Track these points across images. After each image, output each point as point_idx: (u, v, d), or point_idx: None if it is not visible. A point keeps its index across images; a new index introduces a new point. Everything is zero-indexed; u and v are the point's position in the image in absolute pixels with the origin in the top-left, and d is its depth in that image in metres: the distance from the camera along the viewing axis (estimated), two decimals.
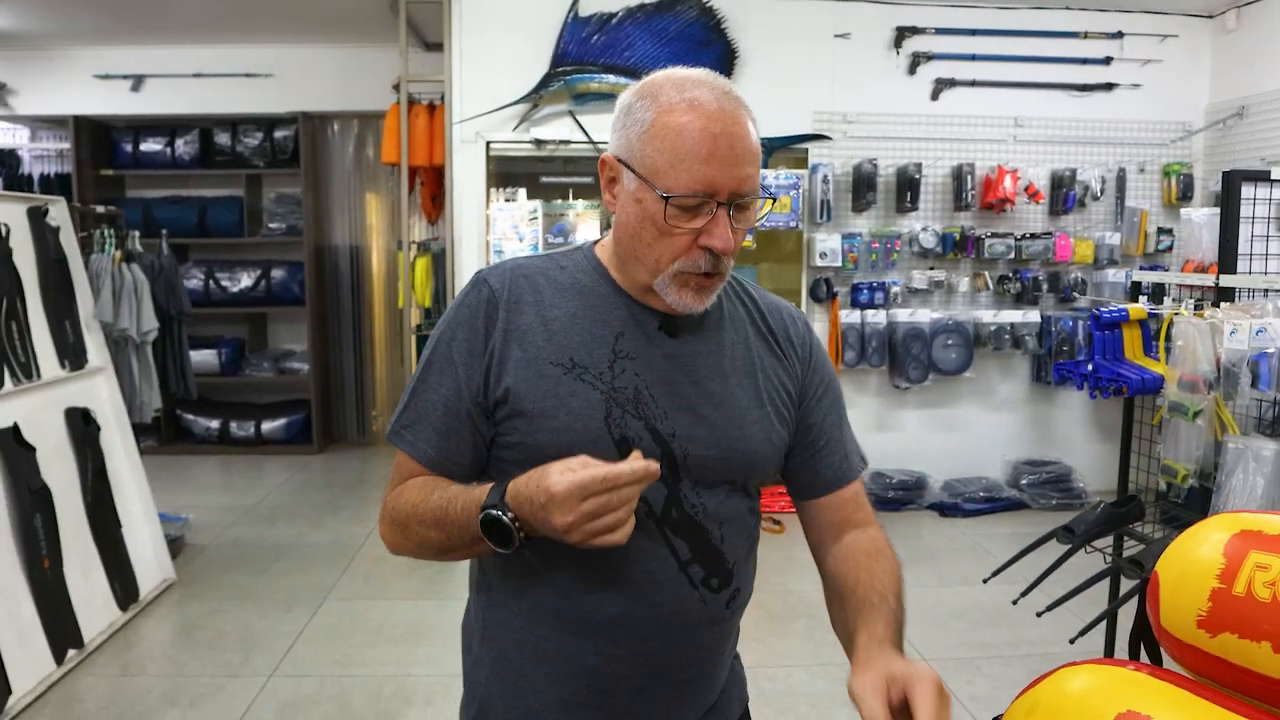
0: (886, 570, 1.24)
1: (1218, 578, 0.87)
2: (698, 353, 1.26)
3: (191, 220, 6.86)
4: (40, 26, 6.20)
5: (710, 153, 1.12)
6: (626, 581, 1.20)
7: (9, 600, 3.21)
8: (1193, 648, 0.89)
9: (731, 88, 1.18)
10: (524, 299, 1.24)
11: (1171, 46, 5.65)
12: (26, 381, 3.63)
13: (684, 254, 1.17)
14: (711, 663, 1.31)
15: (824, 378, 1.37)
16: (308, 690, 3.35)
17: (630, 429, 1.20)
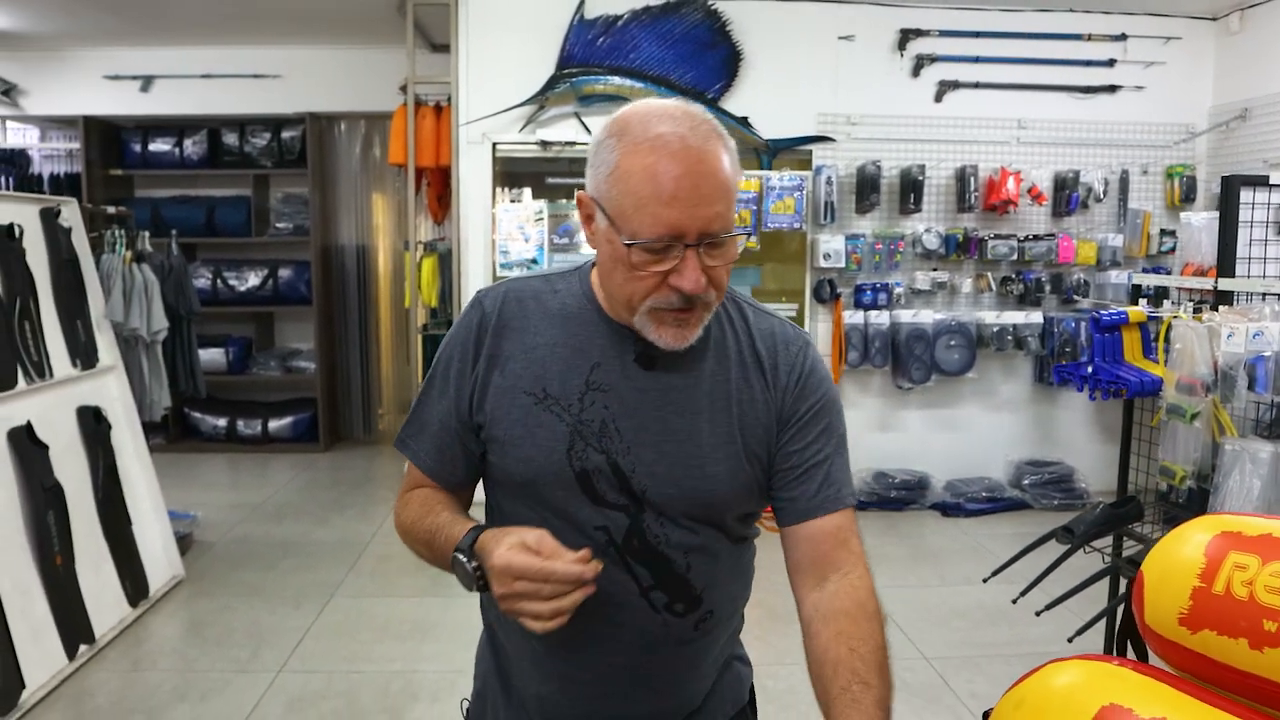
0: (868, 637, 1.17)
1: (1199, 577, 0.91)
2: (671, 386, 1.24)
3: (199, 220, 6.91)
4: (50, 28, 6.25)
5: (673, 195, 1.09)
6: (588, 602, 1.17)
7: (22, 596, 3.26)
8: (1175, 644, 0.92)
9: (703, 120, 1.14)
10: (511, 324, 1.26)
11: (1175, 49, 5.68)
12: (39, 380, 3.67)
13: (655, 292, 1.15)
14: (684, 677, 1.32)
15: (814, 405, 1.29)
16: (316, 686, 3.39)
17: (591, 462, 1.21)
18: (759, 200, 5.38)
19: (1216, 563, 0.90)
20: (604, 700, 1.17)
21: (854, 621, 1.18)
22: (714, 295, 1.18)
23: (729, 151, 1.15)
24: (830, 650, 1.16)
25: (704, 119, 1.14)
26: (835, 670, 1.13)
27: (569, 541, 1.21)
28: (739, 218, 5.25)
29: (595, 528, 1.23)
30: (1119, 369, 2.90)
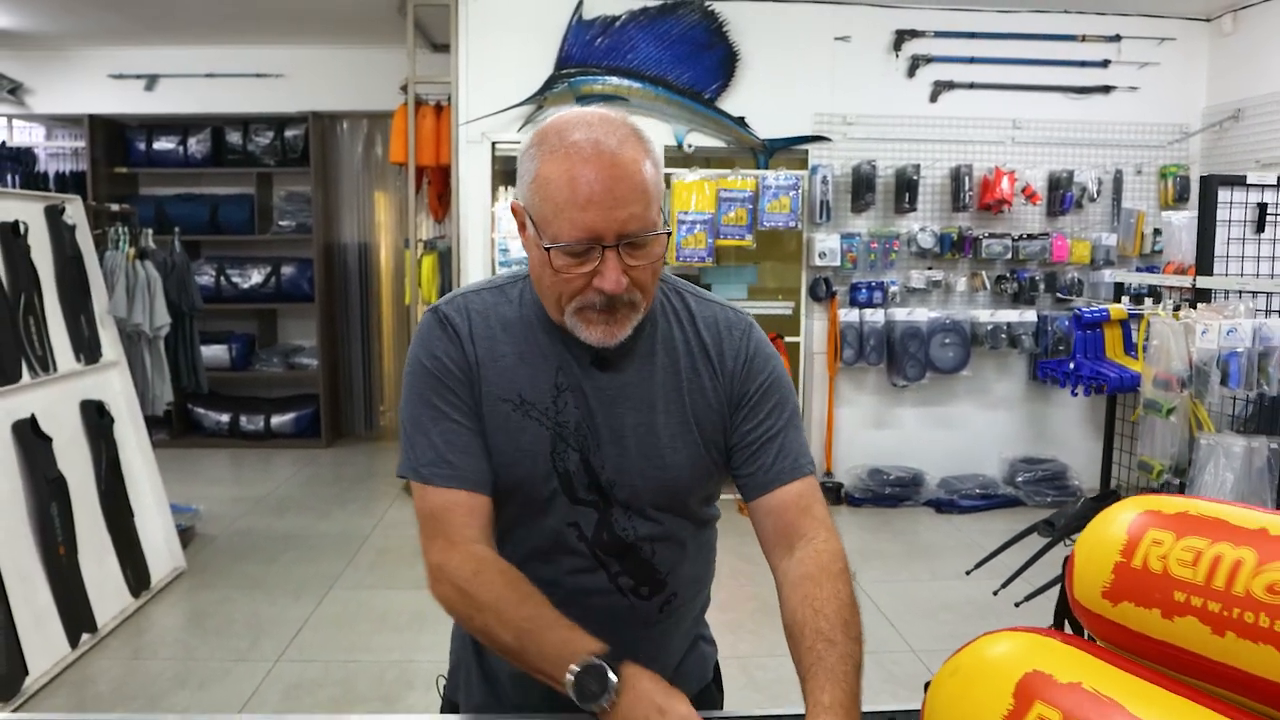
0: (832, 597, 1.19)
1: (1120, 552, 0.96)
2: (626, 384, 1.29)
3: (203, 218, 6.99)
4: (56, 27, 6.32)
5: (588, 199, 1.13)
6: (559, 587, 1.27)
7: (26, 585, 3.33)
8: (1099, 616, 0.98)
9: (620, 126, 1.17)
10: (478, 333, 1.29)
11: (1169, 49, 5.72)
12: (43, 374, 3.74)
13: (580, 293, 1.19)
14: (651, 656, 1.34)
15: (761, 383, 1.33)
16: (313, 674, 3.46)
17: (570, 461, 1.27)
18: (755, 199, 5.43)
19: (1136, 539, 0.95)
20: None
21: (817, 584, 1.21)
22: (639, 295, 1.21)
23: (648, 154, 1.18)
24: (796, 614, 1.19)
25: (621, 124, 1.18)
26: (802, 633, 1.17)
27: (543, 536, 1.30)
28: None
29: (567, 524, 1.30)
30: (1100, 365, 2.95)
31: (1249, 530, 0.89)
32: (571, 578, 1.31)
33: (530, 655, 1.13)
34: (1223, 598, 0.86)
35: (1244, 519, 0.90)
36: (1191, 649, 0.89)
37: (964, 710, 0.97)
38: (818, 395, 5.79)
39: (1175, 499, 0.99)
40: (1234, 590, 0.86)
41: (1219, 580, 0.87)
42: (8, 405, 3.49)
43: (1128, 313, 2.98)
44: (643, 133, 1.20)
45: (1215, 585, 0.87)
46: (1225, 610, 0.86)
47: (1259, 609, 0.83)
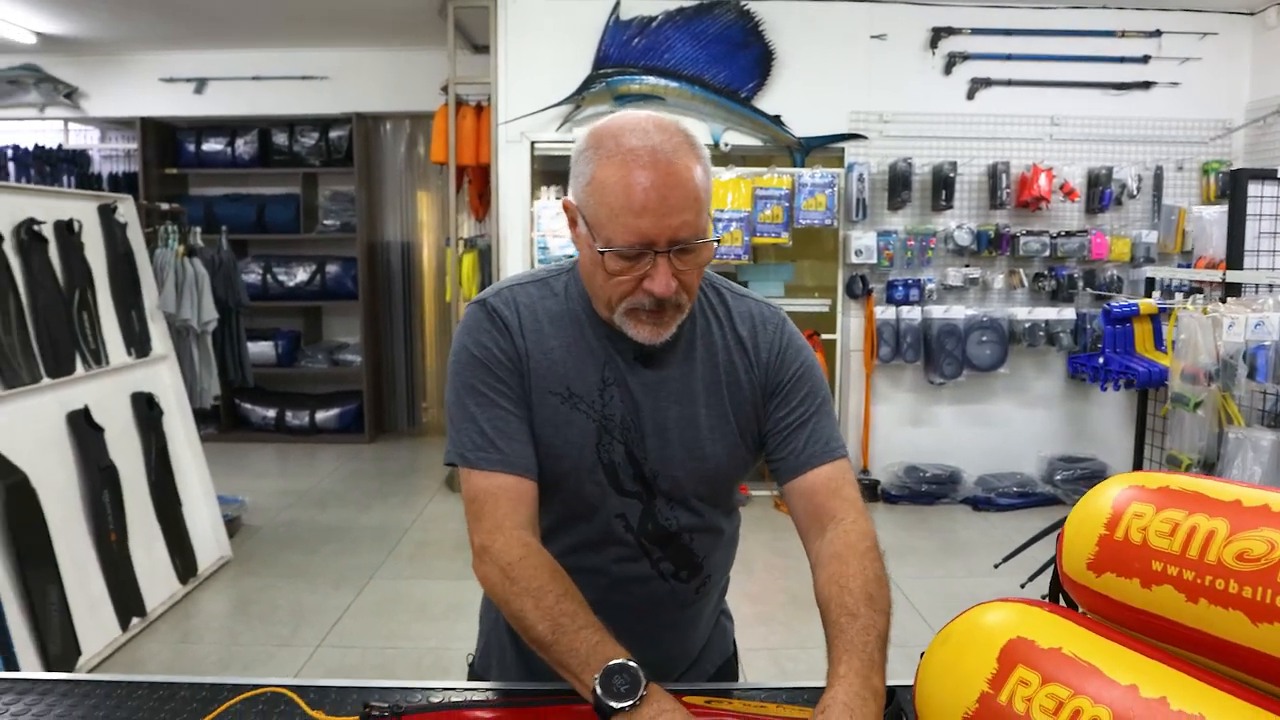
0: (858, 574, 1.21)
1: (1104, 525, 1.00)
2: (669, 378, 1.33)
3: (250, 217, 7.16)
4: (110, 33, 6.51)
5: (643, 206, 1.16)
6: (605, 575, 1.35)
7: (80, 570, 3.45)
8: (1084, 587, 1.02)
9: (675, 132, 1.20)
10: (526, 326, 1.32)
11: (1211, 44, 5.66)
12: (96, 367, 3.88)
13: (630, 295, 1.23)
14: (684, 635, 1.45)
15: (794, 373, 1.37)
16: (352, 660, 3.56)
17: (615, 453, 1.32)
18: (791, 197, 5.46)
19: (1120, 512, 0.99)
20: None
21: (844, 561, 1.23)
22: (685, 298, 1.25)
23: (700, 161, 1.21)
24: (824, 592, 1.22)
25: (675, 130, 1.21)
26: (828, 609, 1.19)
27: (592, 527, 1.36)
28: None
29: (615, 515, 1.35)
30: (1129, 360, 2.96)
31: (1224, 502, 0.92)
32: (618, 566, 1.37)
33: (560, 649, 1.14)
34: (1196, 566, 0.90)
35: (1220, 491, 0.94)
36: (1168, 616, 0.92)
37: (952, 674, 1.01)
38: (854, 392, 5.80)
39: (1159, 474, 1.03)
40: (1207, 559, 0.89)
41: (1193, 550, 0.91)
42: (62, 396, 3.62)
43: (1158, 307, 2.97)
44: (695, 138, 1.23)
45: (1190, 555, 0.91)
46: (1198, 578, 0.89)
47: (1229, 576, 0.87)
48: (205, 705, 1.27)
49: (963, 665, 1.00)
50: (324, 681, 1.33)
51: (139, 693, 1.32)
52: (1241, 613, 0.86)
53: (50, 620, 3.19)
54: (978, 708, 0.96)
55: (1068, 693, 0.90)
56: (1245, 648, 0.86)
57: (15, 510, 3.13)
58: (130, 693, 1.32)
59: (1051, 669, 0.93)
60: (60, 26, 6.30)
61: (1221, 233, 2.95)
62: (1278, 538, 0.86)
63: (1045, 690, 0.91)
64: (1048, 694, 0.91)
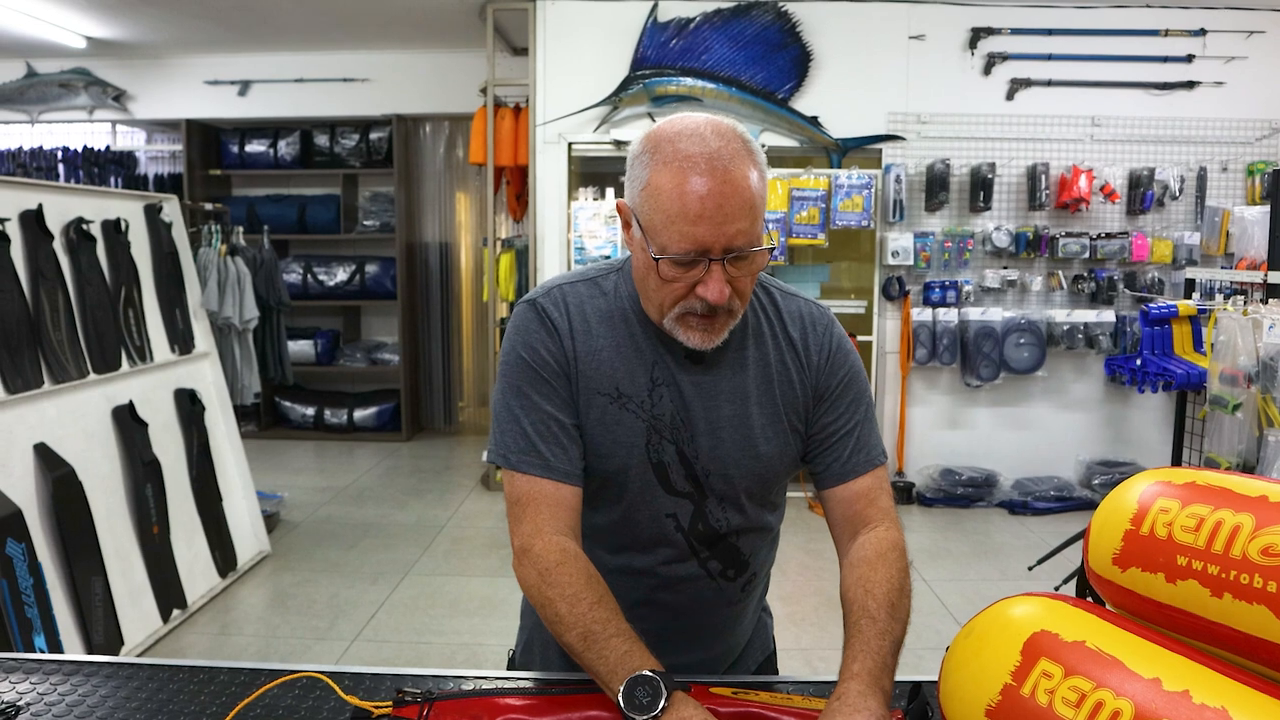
0: (884, 580, 1.24)
1: (1130, 521, 1.00)
2: (721, 377, 1.33)
3: (292, 217, 7.27)
4: (157, 37, 6.64)
5: (699, 214, 1.15)
6: (654, 575, 1.36)
7: (123, 561, 3.53)
8: (1109, 582, 1.02)
9: (732, 138, 1.19)
10: (576, 326, 1.32)
11: (1257, 43, 5.57)
12: (141, 364, 3.96)
13: (683, 300, 1.23)
14: (729, 631, 1.46)
15: (842, 378, 1.38)
16: (387, 654, 3.60)
17: (665, 453, 1.32)
18: (828, 198, 5.45)
19: (1146, 507, 0.99)
20: (659, 651, 1.20)
21: (872, 567, 1.26)
22: (738, 304, 1.25)
23: (757, 167, 1.20)
24: (849, 593, 1.26)
25: (733, 136, 1.19)
26: (850, 609, 1.23)
27: (642, 528, 1.37)
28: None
29: (666, 515, 1.36)
30: (1167, 361, 2.93)
31: (1250, 498, 0.92)
32: (666, 567, 1.37)
33: (590, 656, 1.15)
34: (1221, 561, 0.90)
35: (1246, 487, 0.94)
36: (1192, 611, 0.92)
37: (976, 666, 1.02)
38: (890, 394, 5.77)
39: (1186, 470, 1.03)
40: (1231, 554, 0.89)
41: (1218, 544, 0.91)
42: (108, 392, 3.70)
43: (1197, 309, 2.94)
44: (752, 143, 1.22)
45: (1215, 549, 0.91)
46: (1223, 573, 0.89)
47: (1254, 570, 0.87)
48: (243, 689, 1.31)
49: (986, 657, 1.01)
50: (358, 668, 1.37)
51: (180, 676, 1.35)
52: (1266, 607, 0.85)
53: (94, 610, 3.27)
54: (1000, 699, 0.96)
55: (1090, 685, 0.90)
56: (1270, 642, 0.86)
57: (62, 502, 3.21)
58: (171, 676, 1.35)
59: (1075, 662, 0.93)
60: (109, 31, 6.44)
61: (1263, 233, 2.91)
62: None
63: (1068, 683, 0.92)
64: (1070, 686, 0.91)
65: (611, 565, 1.31)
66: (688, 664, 1.40)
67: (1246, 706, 0.83)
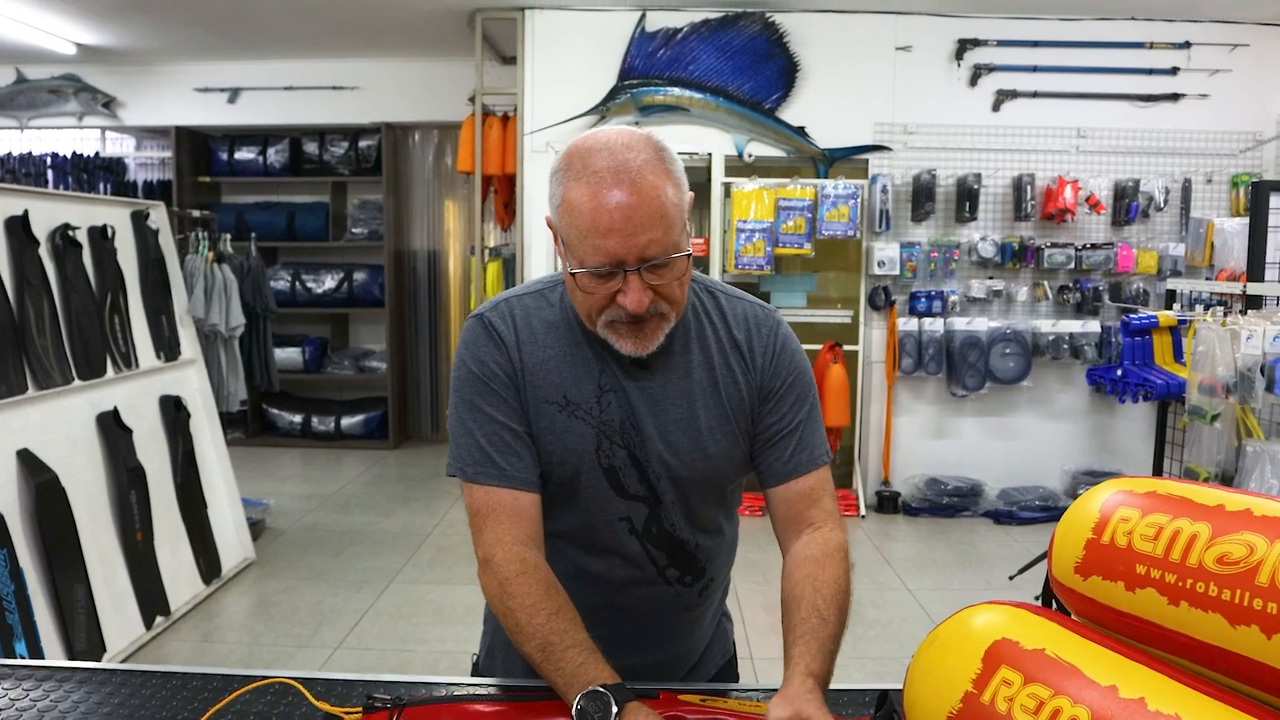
0: (831, 581, 1.27)
1: (1092, 529, 1.01)
2: (667, 382, 1.35)
3: (281, 225, 7.26)
4: (147, 44, 6.64)
5: (609, 226, 1.17)
6: (609, 582, 1.38)
7: (106, 568, 3.52)
8: (1071, 590, 1.03)
9: (643, 148, 1.20)
10: (523, 338, 1.34)
11: (1241, 55, 5.61)
12: (126, 370, 3.95)
13: (606, 308, 1.25)
14: (687, 637, 1.48)
15: (787, 377, 1.40)
16: (370, 661, 3.60)
17: (616, 458, 1.34)
18: (814, 208, 5.47)
19: (1107, 516, 1.00)
20: (619, 653, 1.22)
21: (820, 566, 1.29)
22: (667, 307, 1.27)
23: (669, 176, 1.21)
24: (797, 589, 1.28)
25: (644, 147, 1.21)
26: (799, 605, 1.25)
27: (596, 532, 1.38)
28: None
29: (619, 519, 1.37)
30: (1147, 372, 2.95)
31: (1208, 507, 0.93)
32: (623, 571, 1.39)
33: (548, 667, 1.17)
34: (1178, 569, 0.91)
35: (1205, 496, 0.95)
36: (1150, 619, 0.94)
37: (938, 674, 1.02)
38: (876, 404, 5.79)
39: (1148, 479, 1.04)
40: (1188, 562, 0.90)
41: (1175, 553, 0.92)
42: (93, 398, 3.69)
43: (1177, 320, 2.96)
44: (666, 152, 1.23)
45: (1172, 558, 0.92)
46: (1180, 581, 0.91)
47: (1209, 579, 0.88)
48: (216, 695, 1.31)
49: (948, 665, 1.02)
50: (331, 674, 1.37)
51: (153, 682, 1.36)
52: (1220, 615, 0.87)
53: (76, 617, 3.26)
54: (962, 707, 0.97)
55: (1048, 693, 0.91)
56: (1224, 650, 0.87)
57: (45, 508, 3.20)
58: (145, 682, 1.35)
59: (1034, 669, 0.94)
60: (99, 38, 6.43)
61: (1243, 245, 2.93)
62: (1258, 541, 0.87)
63: (1027, 690, 0.93)
64: (1029, 694, 0.92)
65: (569, 571, 1.32)
66: (648, 664, 1.42)
67: (1200, 713, 0.83)
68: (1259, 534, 0.87)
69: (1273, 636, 0.82)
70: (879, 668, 3.60)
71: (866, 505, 5.72)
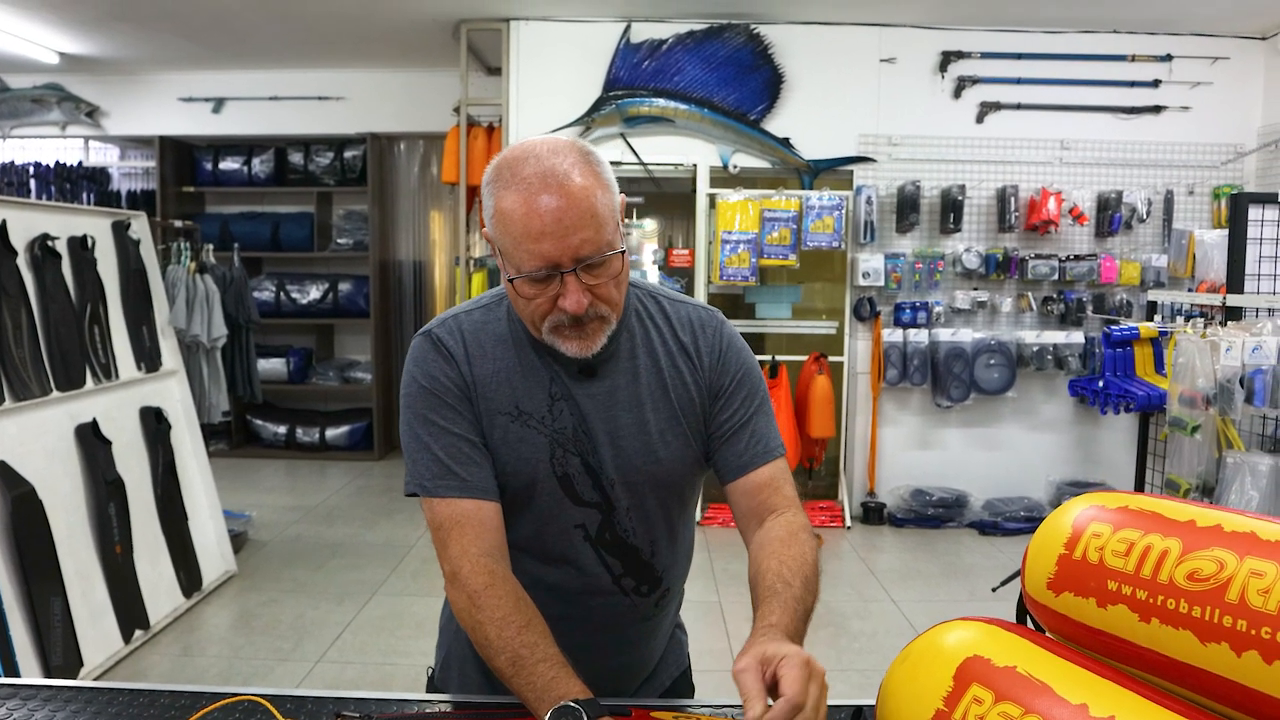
0: (796, 556, 1.28)
1: (1064, 545, 1.01)
2: (616, 387, 1.36)
3: (265, 235, 7.23)
4: (131, 53, 6.62)
5: (541, 230, 1.19)
6: (565, 591, 1.37)
7: (84, 581, 3.49)
8: (1044, 606, 1.02)
9: (570, 153, 1.23)
10: (472, 352, 1.35)
11: (1222, 69, 5.65)
12: (106, 381, 3.92)
13: (549, 313, 1.26)
14: (643, 647, 1.48)
15: (735, 374, 1.42)
16: (351, 675, 3.57)
17: (570, 465, 1.34)
18: (799, 219, 5.48)
19: (1079, 532, 1.00)
20: (575, 660, 1.21)
21: (785, 545, 1.30)
22: (606, 309, 1.28)
23: (597, 178, 1.23)
24: (763, 564, 1.28)
25: (569, 151, 1.23)
26: (764, 577, 1.26)
27: (551, 541, 1.38)
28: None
29: (574, 526, 1.37)
30: (1128, 383, 2.95)
31: (1179, 522, 0.93)
32: (578, 580, 1.39)
33: (519, 682, 1.17)
34: (1149, 586, 0.91)
35: (1176, 511, 0.95)
36: (1122, 635, 0.93)
37: (910, 691, 1.02)
38: (861, 415, 5.79)
39: (1120, 494, 1.04)
40: (1159, 579, 0.90)
41: (1146, 569, 0.91)
42: (71, 409, 3.66)
43: (1158, 331, 2.97)
44: (593, 155, 1.26)
45: (1143, 574, 0.92)
46: (1151, 598, 0.90)
47: (1180, 595, 0.88)
48: (185, 712, 1.29)
49: (920, 682, 1.01)
50: (301, 691, 1.35)
51: (120, 699, 1.34)
52: (1191, 632, 0.86)
53: (53, 631, 3.22)
54: None
55: (1019, 711, 0.90)
56: (1194, 667, 0.86)
57: (21, 521, 3.17)
58: (111, 700, 1.34)
59: (1004, 687, 0.94)
60: (83, 47, 6.40)
61: (1223, 256, 2.94)
62: (1228, 558, 0.86)
63: (998, 708, 0.92)
64: (999, 712, 0.91)
65: (526, 582, 1.31)
66: (600, 671, 1.39)
67: None
68: (1229, 550, 0.87)
69: (1243, 654, 0.82)
70: (863, 679, 3.59)
71: (852, 516, 5.71)
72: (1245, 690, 0.82)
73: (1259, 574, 0.83)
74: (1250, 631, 0.81)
